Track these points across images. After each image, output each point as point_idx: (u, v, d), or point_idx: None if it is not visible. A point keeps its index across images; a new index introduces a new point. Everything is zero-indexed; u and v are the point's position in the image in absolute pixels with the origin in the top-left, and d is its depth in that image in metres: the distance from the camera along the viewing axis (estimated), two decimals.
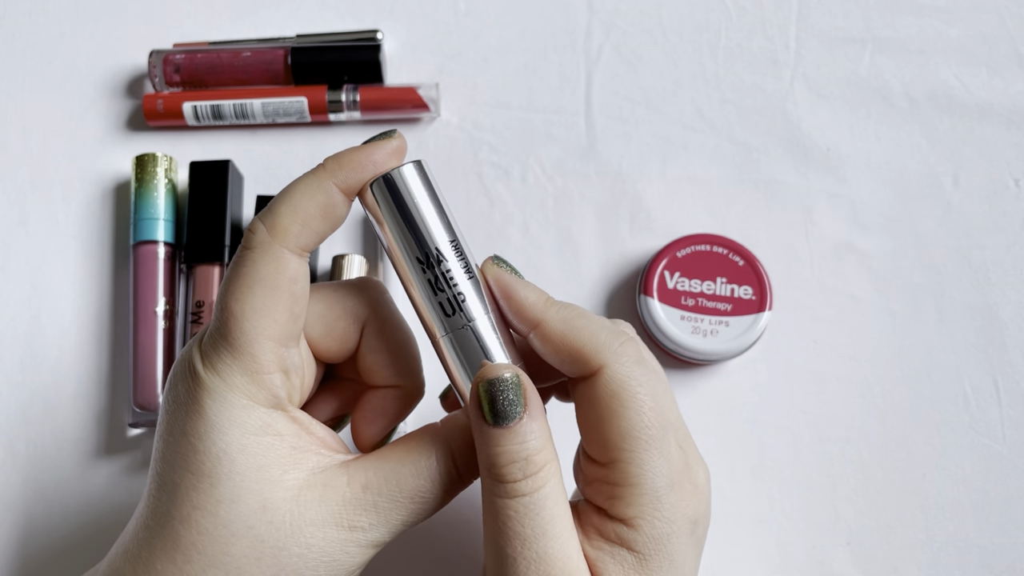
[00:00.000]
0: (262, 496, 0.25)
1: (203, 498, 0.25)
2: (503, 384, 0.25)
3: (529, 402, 0.25)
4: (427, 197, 0.27)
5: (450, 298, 0.27)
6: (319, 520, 0.26)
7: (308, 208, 0.26)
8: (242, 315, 0.25)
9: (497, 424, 0.25)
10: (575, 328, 0.27)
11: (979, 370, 0.41)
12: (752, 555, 0.40)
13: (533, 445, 0.25)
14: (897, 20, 0.47)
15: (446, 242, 0.27)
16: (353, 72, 0.45)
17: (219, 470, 0.25)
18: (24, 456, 0.42)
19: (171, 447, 0.26)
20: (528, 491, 0.25)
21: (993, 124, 0.45)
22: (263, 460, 0.26)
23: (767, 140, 0.45)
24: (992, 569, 0.39)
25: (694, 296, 0.40)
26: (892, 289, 0.43)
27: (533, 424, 0.25)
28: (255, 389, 0.26)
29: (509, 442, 0.25)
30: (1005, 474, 0.40)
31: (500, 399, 0.25)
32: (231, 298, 0.26)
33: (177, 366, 0.27)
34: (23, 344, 0.43)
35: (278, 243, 0.26)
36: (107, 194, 0.45)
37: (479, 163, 0.45)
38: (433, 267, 0.27)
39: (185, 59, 0.46)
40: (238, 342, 0.25)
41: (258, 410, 0.26)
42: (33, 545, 0.41)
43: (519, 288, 0.27)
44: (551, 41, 0.47)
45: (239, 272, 0.26)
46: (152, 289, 0.42)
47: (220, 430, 0.25)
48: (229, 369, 0.25)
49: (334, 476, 0.27)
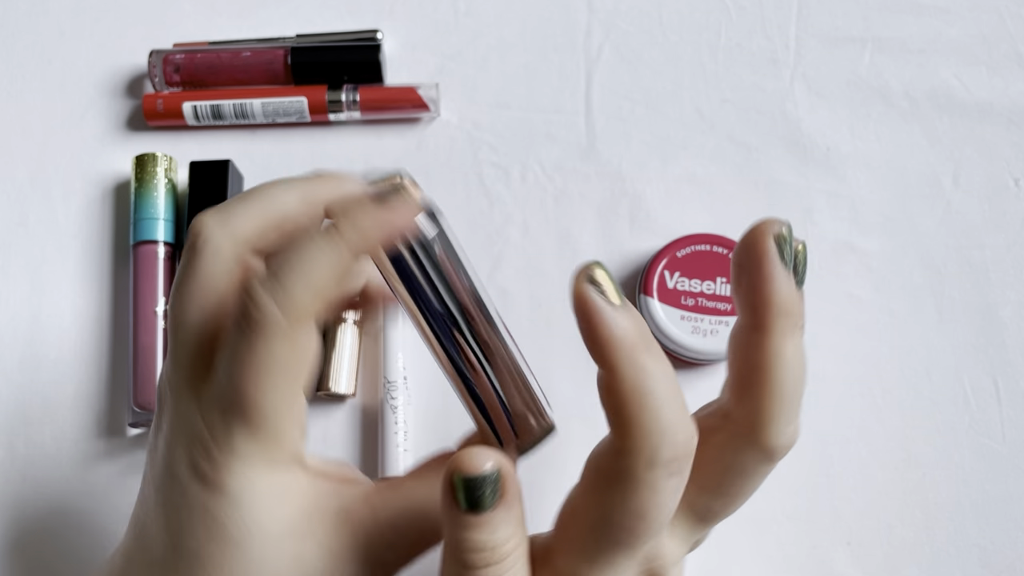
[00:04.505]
0: (293, 552, 0.25)
1: (233, 564, 0.24)
2: (481, 480, 0.23)
3: (507, 492, 0.23)
4: (443, 254, 0.25)
5: (473, 350, 0.26)
6: (350, 558, 0.25)
7: (327, 283, 0.23)
8: (262, 398, 0.24)
9: (468, 511, 0.23)
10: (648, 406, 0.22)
11: (979, 370, 0.41)
12: (752, 555, 0.40)
13: (502, 535, 0.23)
14: (897, 20, 0.47)
15: (467, 293, 0.26)
16: (353, 72, 0.45)
17: (249, 540, 0.24)
18: (24, 456, 0.42)
19: (186, 520, 0.25)
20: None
21: (993, 124, 0.45)
22: (290, 520, 0.25)
23: (767, 140, 0.45)
24: (992, 569, 0.39)
25: (694, 296, 0.40)
26: (892, 289, 0.43)
27: (507, 514, 0.23)
28: (275, 454, 0.25)
29: (478, 531, 0.23)
30: (1005, 474, 0.40)
31: (476, 492, 0.23)
32: (245, 382, 0.23)
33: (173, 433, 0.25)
34: (23, 344, 0.43)
35: (293, 323, 0.23)
36: (107, 194, 0.45)
37: (479, 163, 0.45)
38: (454, 323, 0.25)
39: (185, 59, 0.46)
40: (257, 422, 0.24)
41: (279, 473, 0.25)
42: (32, 545, 0.40)
43: (604, 320, 0.22)
44: (551, 41, 0.47)
45: (254, 357, 0.23)
46: (152, 289, 0.42)
47: (246, 504, 0.24)
48: (247, 446, 0.24)
49: (360, 517, 0.26)
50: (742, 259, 0.24)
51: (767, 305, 0.23)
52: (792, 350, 0.24)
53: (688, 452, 0.23)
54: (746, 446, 0.25)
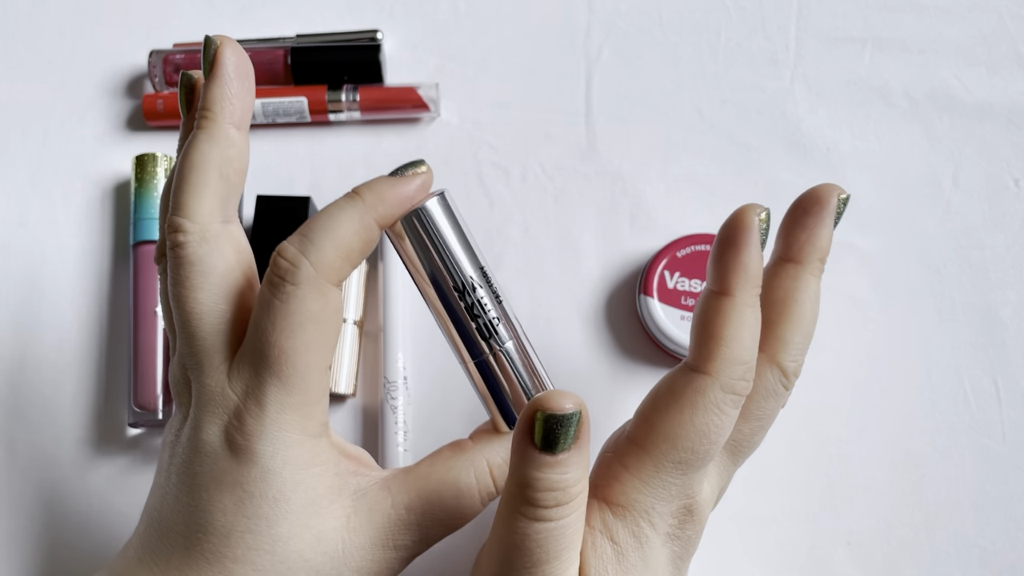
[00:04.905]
0: (316, 530, 0.26)
1: (260, 539, 0.25)
2: (564, 419, 0.24)
3: (581, 435, 0.24)
4: (456, 229, 0.27)
5: (485, 323, 0.27)
6: (368, 544, 0.26)
7: (353, 244, 0.26)
8: (295, 352, 0.25)
9: (544, 450, 0.24)
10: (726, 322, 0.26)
11: (979, 370, 0.41)
12: (752, 555, 0.40)
13: (573, 476, 0.24)
14: (897, 20, 0.47)
15: (477, 270, 0.27)
16: (353, 72, 0.45)
17: (276, 512, 0.25)
18: (24, 456, 0.42)
19: (215, 495, 0.25)
20: (555, 518, 0.25)
21: (993, 124, 0.45)
22: (314, 493, 0.26)
23: (767, 140, 0.45)
24: (992, 569, 0.39)
25: (694, 296, 0.40)
26: (891, 289, 0.43)
27: (580, 456, 0.24)
28: (305, 422, 0.26)
29: (552, 471, 0.24)
30: (1005, 474, 0.40)
31: (556, 430, 0.24)
32: (280, 335, 0.25)
33: (201, 407, 0.26)
34: (23, 344, 0.43)
35: (324, 279, 0.25)
36: (107, 194, 0.45)
37: (479, 163, 0.45)
38: (467, 295, 0.27)
39: (185, 59, 0.46)
40: (291, 379, 0.25)
41: (307, 442, 0.26)
42: (32, 545, 0.40)
43: (751, 251, 0.27)
44: (551, 41, 0.47)
45: (288, 309, 0.25)
46: (152, 289, 0.42)
47: (275, 472, 0.25)
48: (280, 406, 0.25)
49: (377, 499, 0.27)
50: (807, 203, 0.29)
51: (813, 245, 0.29)
52: (816, 287, 0.29)
53: (749, 386, 0.27)
54: (768, 366, 0.28)
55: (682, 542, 0.28)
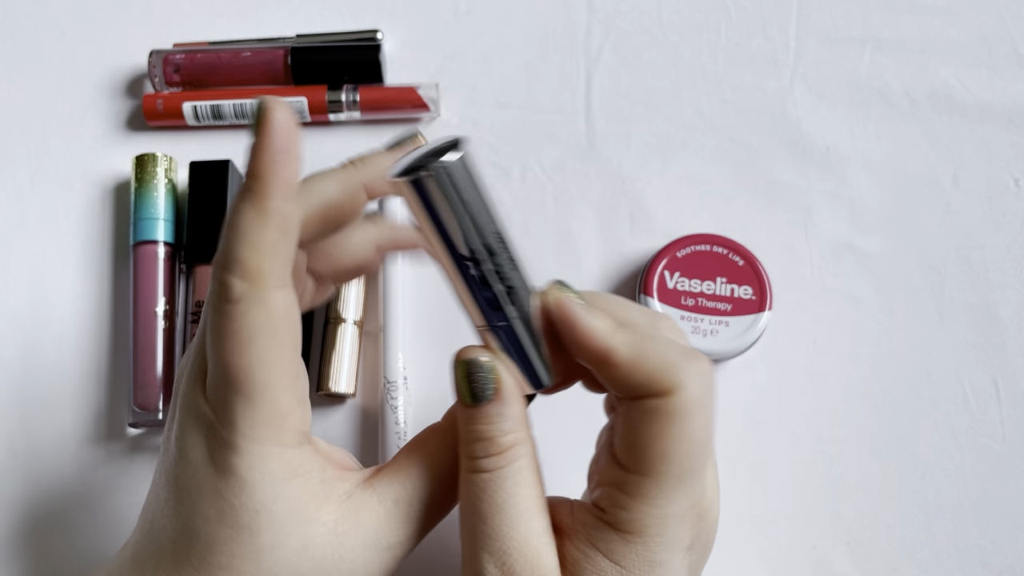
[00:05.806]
0: (302, 538, 0.25)
1: (243, 548, 0.25)
2: (476, 366, 0.26)
3: (501, 388, 0.26)
4: (477, 191, 0.25)
5: (501, 291, 0.26)
6: (358, 546, 0.26)
7: (268, 242, 0.24)
8: (249, 368, 0.24)
9: (471, 404, 0.26)
10: (645, 354, 0.25)
11: (979, 370, 0.41)
12: (752, 555, 0.40)
13: (499, 427, 0.26)
14: (897, 20, 0.47)
15: (496, 236, 0.25)
16: (353, 72, 0.45)
17: (258, 523, 0.25)
18: (24, 456, 0.42)
19: (199, 503, 0.25)
20: (490, 468, 0.26)
21: (993, 124, 0.45)
22: (298, 503, 0.25)
23: (767, 140, 0.45)
24: (992, 569, 0.39)
25: (694, 296, 0.40)
26: (892, 289, 0.43)
27: (504, 408, 0.26)
28: (280, 433, 0.25)
29: (478, 421, 0.26)
30: (1005, 474, 0.40)
31: (473, 380, 0.26)
32: (231, 355, 0.24)
33: (184, 419, 0.26)
34: (23, 344, 0.43)
35: (261, 288, 0.24)
36: (107, 194, 0.45)
37: (479, 163, 0.45)
38: (485, 262, 0.25)
39: (185, 59, 0.46)
40: (254, 395, 0.24)
41: (286, 453, 0.25)
42: (32, 545, 0.41)
43: (582, 316, 0.26)
44: (551, 41, 0.47)
45: (232, 328, 0.24)
46: (152, 289, 0.42)
47: (253, 485, 0.25)
48: (250, 423, 0.24)
49: (363, 499, 0.27)
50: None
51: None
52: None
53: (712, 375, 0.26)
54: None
55: (699, 548, 0.27)
